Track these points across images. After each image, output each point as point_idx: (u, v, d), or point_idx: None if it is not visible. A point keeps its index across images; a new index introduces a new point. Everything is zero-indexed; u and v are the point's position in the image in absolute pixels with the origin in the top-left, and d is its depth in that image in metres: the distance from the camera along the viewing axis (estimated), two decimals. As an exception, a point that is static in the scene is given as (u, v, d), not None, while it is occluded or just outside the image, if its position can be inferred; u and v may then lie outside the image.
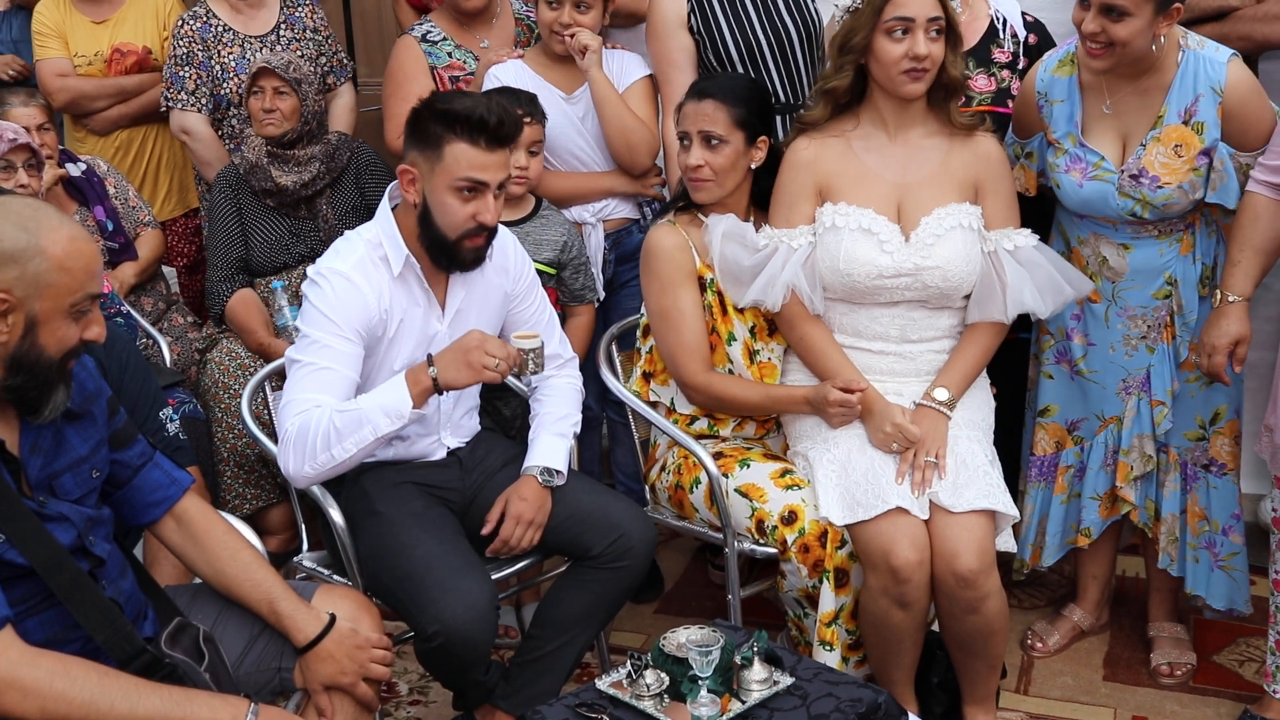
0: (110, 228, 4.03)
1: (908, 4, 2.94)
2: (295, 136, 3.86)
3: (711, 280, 3.16)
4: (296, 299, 3.61)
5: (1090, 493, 3.33)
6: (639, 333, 3.35)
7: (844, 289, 3.08)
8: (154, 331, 3.88)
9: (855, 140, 3.11)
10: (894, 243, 3.04)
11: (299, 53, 4.24)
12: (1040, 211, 3.36)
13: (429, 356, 2.78)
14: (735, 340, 3.17)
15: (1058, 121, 3.18)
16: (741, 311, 3.19)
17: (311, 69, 4.13)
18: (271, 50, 4.22)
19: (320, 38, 4.33)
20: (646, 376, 3.31)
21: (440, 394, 2.79)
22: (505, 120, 2.78)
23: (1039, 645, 3.49)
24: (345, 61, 4.43)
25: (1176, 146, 3.04)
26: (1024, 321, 3.30)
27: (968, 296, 3.11)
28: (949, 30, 2.98)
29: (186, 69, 4.20)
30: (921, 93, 3.01)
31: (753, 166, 3.17)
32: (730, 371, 3.19)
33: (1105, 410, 3.28)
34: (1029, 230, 3.12)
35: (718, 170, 3.11)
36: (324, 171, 3.89)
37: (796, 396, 3.12)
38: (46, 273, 2.11)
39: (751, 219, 3.21)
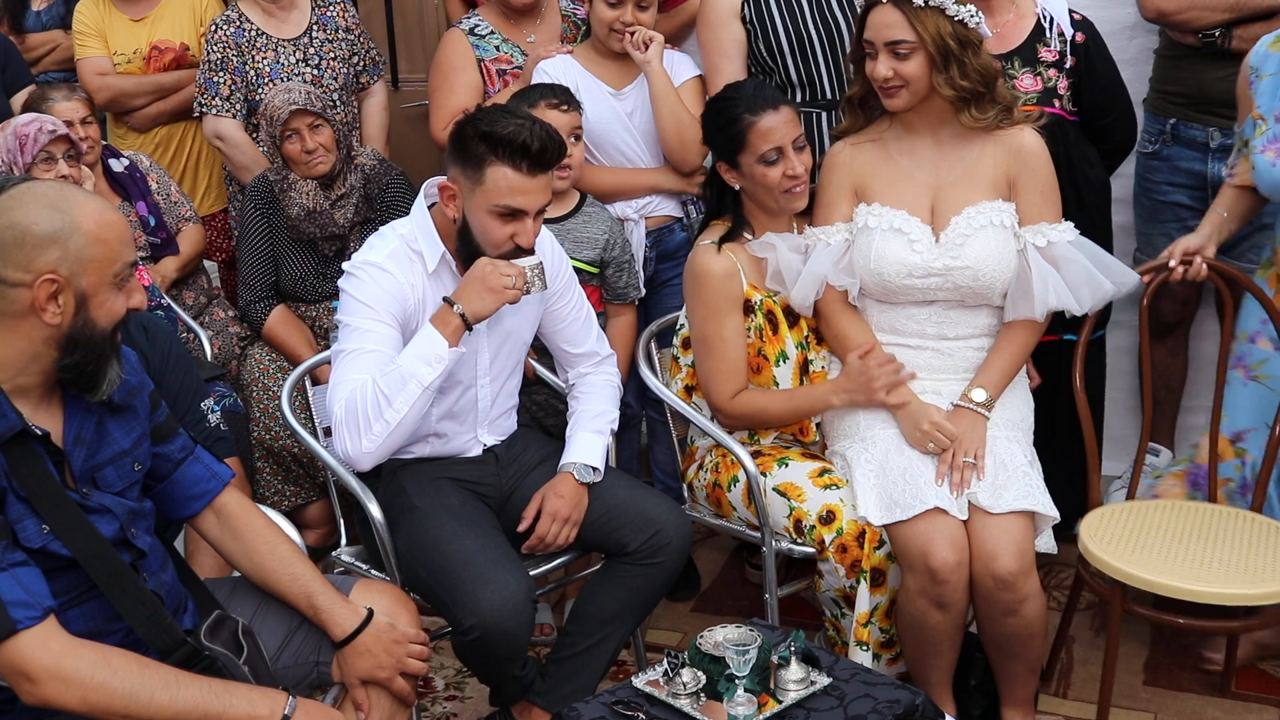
0: (152, 223, 4.07)
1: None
2: (339, 168, 3.83)
3: (761, 301, 3.16)
4: None
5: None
6: (677, 341, 3.34)
7: (878, 288, 3.09)
8: (195, 325, 3.91)
9: (891, 142, 3.13)
10: (924, 242, 3.04)
11: (331, 54, 4.26)
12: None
13: (445, 300, 2.81)
14: (786, 359, 3.16)
15: (1263, 96, 3.10)
16: (796, 325, 3.19)
17: (337, 74, 4.15)
18: (304, 54, 4.23)
19: (352, 36, 4.35)
20: (689, 390, 3.31)
21: (469, 329, 2.81)
22: (548, 147, 2.79)
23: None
24: (378, 59, 4.45)
25: None
26: (1068, 322, 3.27)
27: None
28: (939, 49, 2.94)
29: (221, 74, 4.21)
30: (900, 106, 3.04)
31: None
32: None
33: (1272, 418, 3.09)
34: (1069, 224, 3.10)
35: (809, 168, 3.15)
36: (362, 202, 3.86)
37: (820, 394, 3.11)
38: (86, 248, 2.14)
39: (794, 226, 3.23)
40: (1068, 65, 3.43)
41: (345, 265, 2.92)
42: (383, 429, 2.78)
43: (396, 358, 2.79)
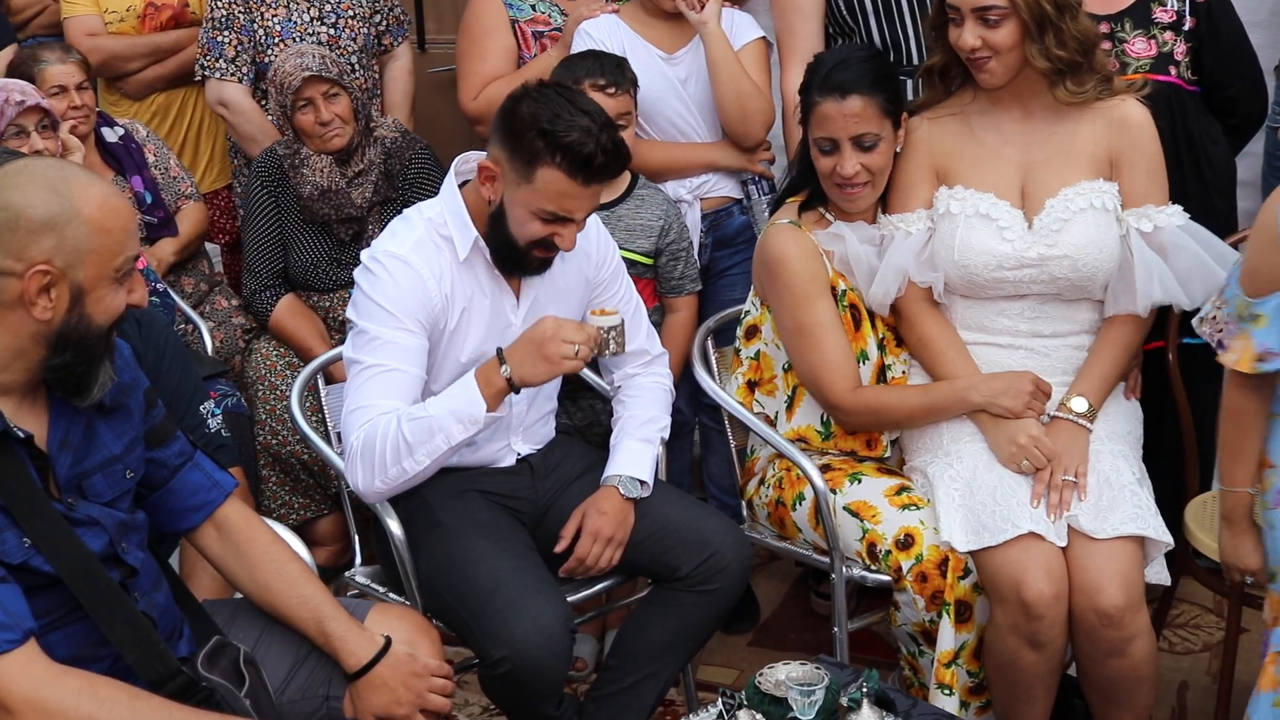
0: (149, 200, 4.10)
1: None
2: (357, 142, 3.85)
3: (845, 291, 3.15)
4: None
5: None
6: (740, 332, 3.34)
7: (962, 282, 3.08)
8: (195, 315, 3.94)
9: (974, 117, 3.12)
10: (1015, 229, 3.03)
11: (350, 11, 4.27)
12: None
13: (499, 352, 2.80)
14: (867, 359, 3.15)
15: None
16: (874, 324, 3.18)
17: (356, 35, 4.17)
18: (319, 10, 4.24)
19: None
20: (751, 385, 3.30)
21: (516, 392, 2.81)
22: (611, 162, 2.79)
23: None
24: (403, 18, 4.46)
25: None
26: (1185, 326, 3.23)
27: None
28: (1034, 16, 2.90)
29: (226, 34, 4.23)
30: (995, 84, 3.01)
31: (898, 150, 3.15)
32: None
33: None
34: (1177, 208, 3.07)
35: (876, 171, 3.09)
36: (382, 180, 3.88)
37: (958, 390, 3.05)
38: (86, 237, 2.15)
39: (875, 210, 3.21)
40: (1186, 27, 3.40)
41: (364, 254, 2.93)
42: (399, 474, 2.80)
43: (429, 404, 2.80)
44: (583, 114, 2.79)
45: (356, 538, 3.32)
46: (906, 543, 2.97)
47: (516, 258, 2.89)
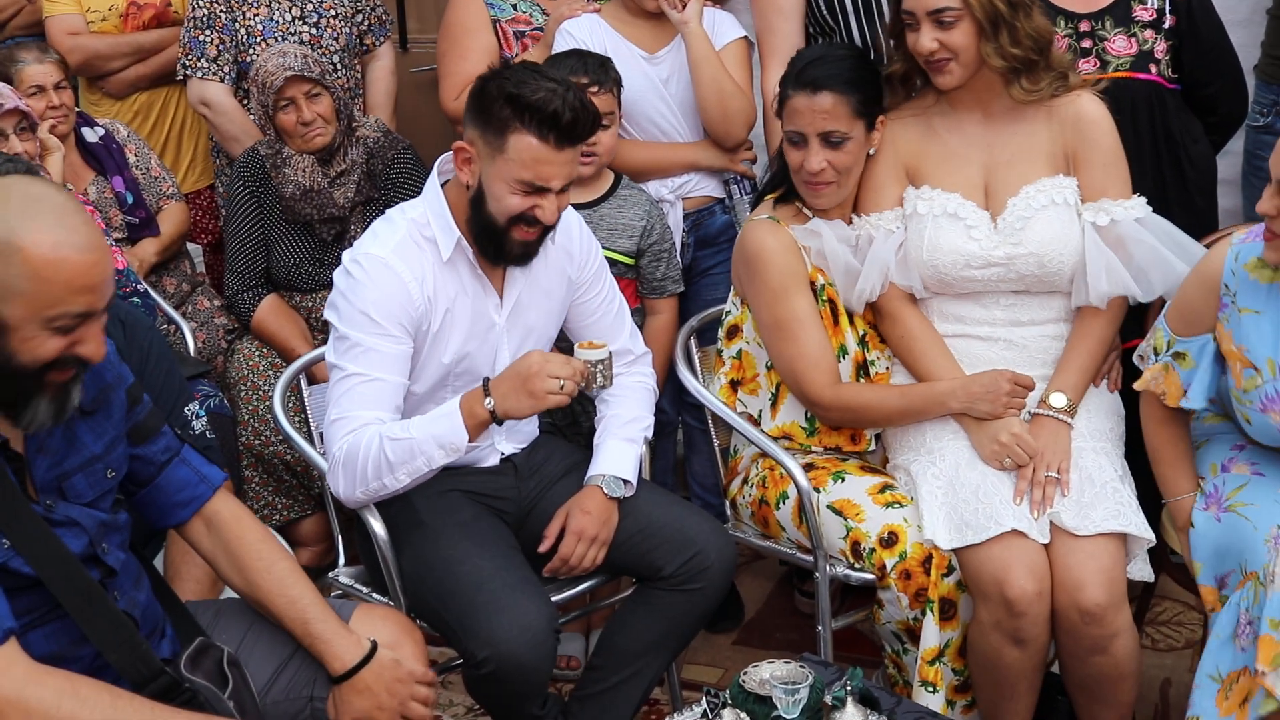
0: (130, 200, 4.10)
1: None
2: (339, 141, 3.85)
3: (823, 286, 3.15)
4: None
5: (1210, 669, 2.72)
6: (722, 332, 3.34)
7: (933, 281, 3.11)
8: (176, 316, 3.93)
9: (936, 119, 3.14)
10: (982, 229, 3.05)
11: (332, 11, 4.27)
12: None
13: (485, 383, 2.80)
14: (846, 355, 3.16)
15: (1248, 337, 2.73)
16: (853, 321, 3.19)
17: (338, 34, 4.16)
18: (301, 10, 4.24)
19: None
20: (734, 385, 3.30)
21: (499, 424, 2.82)
22: (580, 119, 2.79)
23: None
24: (385, 18, 4.46)
25: None
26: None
27: None
28: (988, 15, 2.93)
29: (207, 33, 4.23)
30: (950, 84, 3.04)
31: (871, 152, 3.15)
32: None
33: (1248, 560, 2.74)
34: (1139, 200, 3.09)
35: (842, 170, 3.09)
36: (364, 179, 3.88)
37: (937, 394, 3.07)
38: (19, 278, 2.08)
39: (850, 211, 3.22)
40: (1167, 25, 3.41)
41: (345, 256, 2.92)
42: (379, 488, 2.83)
43: (412, 425, 2.80)
44: (549, 79, 2.80)
45: (340, 538, 3.31)
46: (890, 541, 2.97)
47: (498, 241, 2.87)
